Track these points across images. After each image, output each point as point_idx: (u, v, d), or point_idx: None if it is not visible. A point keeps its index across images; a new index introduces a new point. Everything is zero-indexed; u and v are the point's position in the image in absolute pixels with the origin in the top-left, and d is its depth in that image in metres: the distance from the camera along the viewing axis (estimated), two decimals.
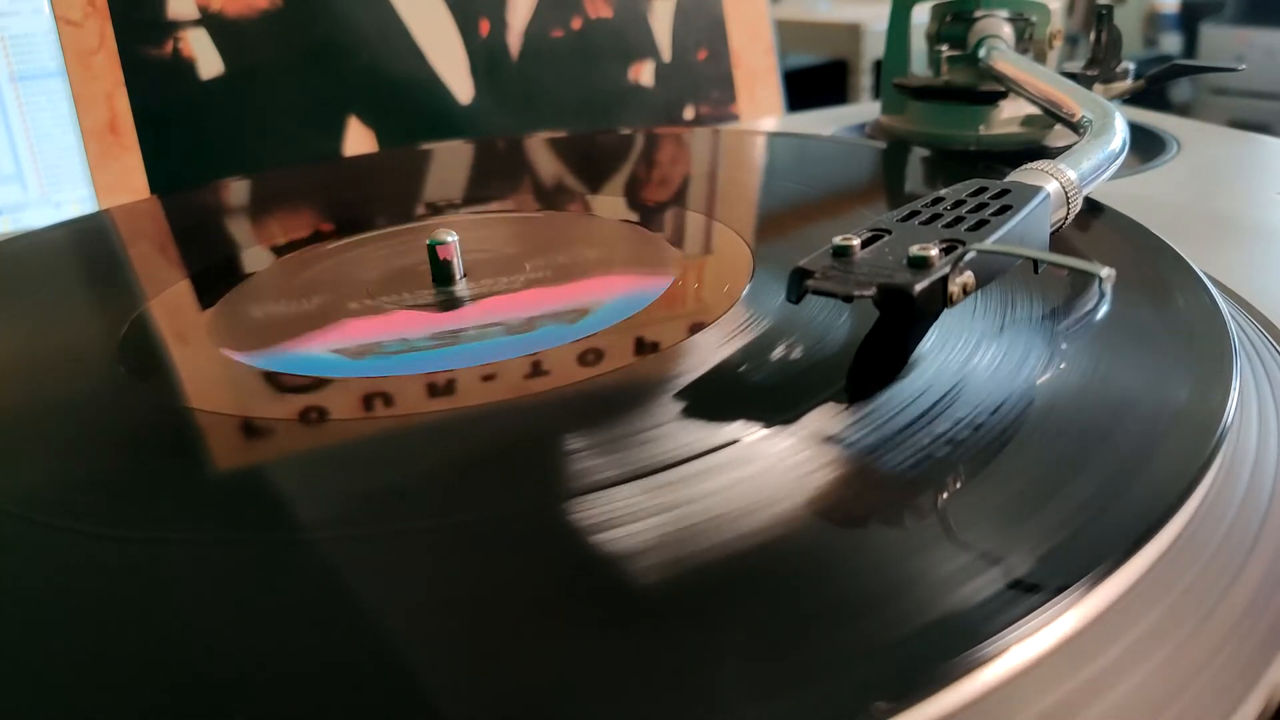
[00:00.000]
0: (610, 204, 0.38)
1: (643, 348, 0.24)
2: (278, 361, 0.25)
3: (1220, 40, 1.65)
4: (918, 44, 0.47)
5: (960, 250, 0.20)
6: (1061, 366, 0.21)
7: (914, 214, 0.23)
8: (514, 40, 0.58)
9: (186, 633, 0.15)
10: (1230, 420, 0.19)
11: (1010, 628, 0.14)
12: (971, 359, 0.21)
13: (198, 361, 0.26)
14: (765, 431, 0.19)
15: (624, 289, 0.29)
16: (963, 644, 0.14)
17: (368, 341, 0.26)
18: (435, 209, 0.39)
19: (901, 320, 0.21)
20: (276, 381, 0.24)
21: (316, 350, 0.26)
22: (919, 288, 0.19)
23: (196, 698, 0.14)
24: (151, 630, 0.15)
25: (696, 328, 0.25)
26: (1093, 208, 0.31)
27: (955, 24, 0.44)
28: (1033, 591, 0.15)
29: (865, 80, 1.09)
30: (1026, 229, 0.23)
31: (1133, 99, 0.45)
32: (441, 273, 0.29)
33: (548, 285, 0.29)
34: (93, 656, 0.15)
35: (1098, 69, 0.44)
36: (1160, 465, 0.18)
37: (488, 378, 0.23)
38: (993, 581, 0.15)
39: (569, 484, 0.18)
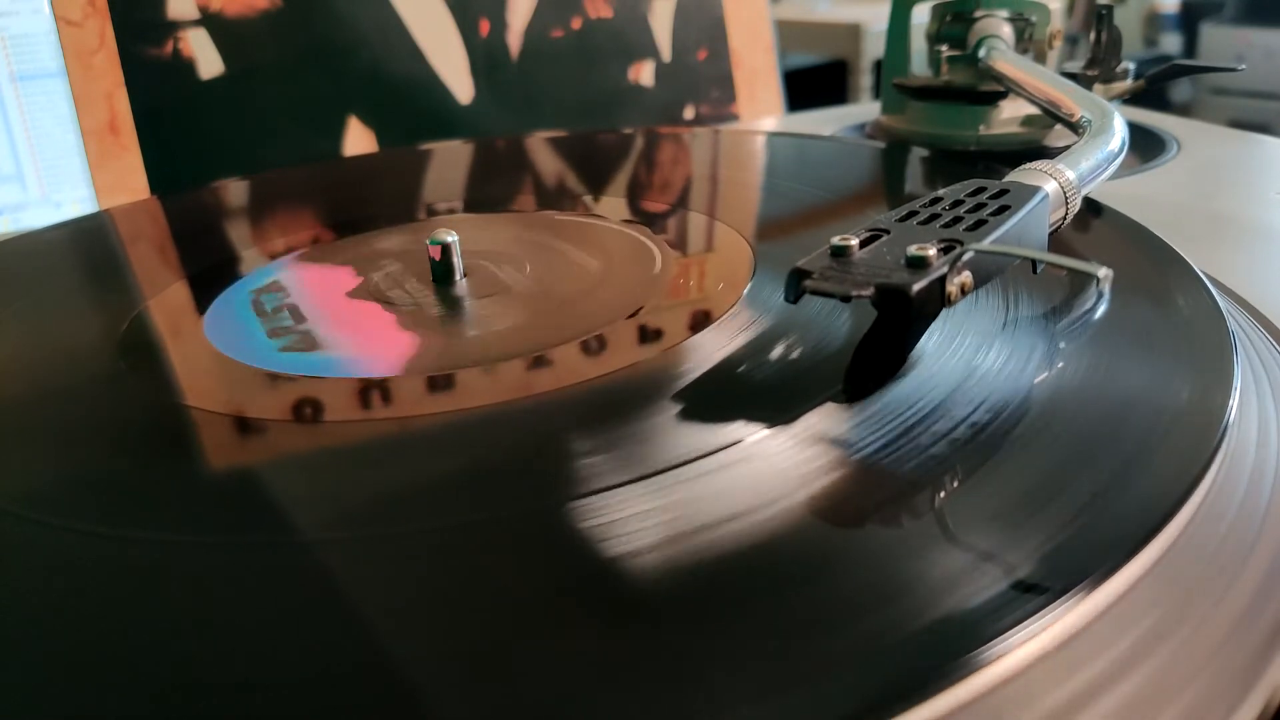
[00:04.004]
0: (610, 204, 0.38)
1: (643, 348, 0.24)
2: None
3: (1220, 40, 1.65)
4: (918, 44, 0.47)
5: (958, 250, 0.20)
6: (1060, 366, 0.21)
7: (912, 214, 0.23)
8: (514, 40, 0.58)
9: (187, 633, 0.15)
10: (1230, 420, 0.19)
11: (1011, 629, 0.14)
12: (970, 359, 0.21)
13: (197, 361, 0.26)
14: (766, 432, 0.19)
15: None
16: (964, 645, 0.14)
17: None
18: (435, 210, 0.39)
19: (900, 320, 0.21)
20: (275, 380, 0.24)
21: None
22: (917, 288, 0.19)
23: (196, 698, 0.14)
24: (152, 630, 0.15)
25: (697, 327, 0.25)
26: (1092, 207, 0.31)
27: (955, 24, 0.44)
28: (1034, 593, 0.15)
29: (865, 80, 1.09)
30: (1025, 229, 0.23)
31: (1133, 99, 0.45)
32: (442, 272, 0.29)
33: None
34: (92, 656, 0.15)
35: (1098, 69, 0.44)
36: (1160, 465, 0.18)
37: (489, 376, 0.23)
38: (993, 582, 0.15)
39: (570, 485, 0.18)
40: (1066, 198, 0.26)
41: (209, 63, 0.51)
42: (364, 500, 0.19)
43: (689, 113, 0.62)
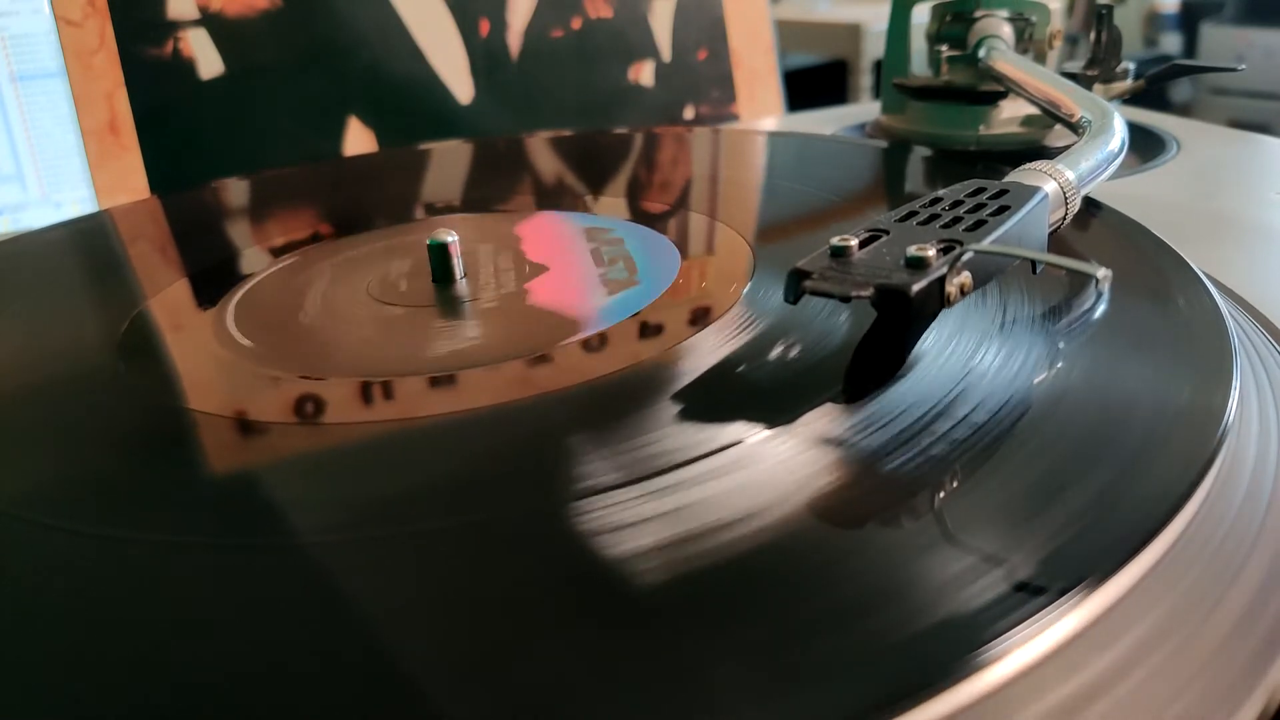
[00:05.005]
0: (610, 204, 0.38)
1: (643, 347, 0.24)
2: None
3: (1220, 40, 1.65)
4: (918, 44, 0.47)
5: (958, 250, 0.20)
6: (1059, 367, 0.21)
7: (912, 214, 0.23)
8: (514, 40, 0.58)
9: (186, 634, 0.15)
10: (1230, 420, 0.19)
11: (1011, 630, 0.14)
12: (969, 359, 0.21)
13: (197, 361, 0.26)
14: (766, 433, 0.19)
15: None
16: (964, 646, 0.14)
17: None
18: (435, 209, 0.39)
19: (899, 320, 0.21)
20: (276, 380, 0.24)
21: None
22: (916, 288, 0.19)
23: (196, 699, 0.14)
24: (152, 631, 0.15)
25: (697, 327, 0.25)
26: (1092, 207, 0.31)
27: (955, 24, 0.44)
28: (1034, 594, 0.14)
29: (865, 80, 1.09)
30: (1024, 229, 0.23)
31: (1133, 99, 0.45)
32: (442, 272, 0.29)
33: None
34: (92, 657, 0.15)
35: (1098, 69, 0.44)
36: (1160, 466, 0.18)
37: (487, 376, 0.23)
38: (994, 583, 0.15)
39: (570, 486, 0.18)
40: (1066, 198, 0.26)
41: (209, 63, 0.51)
42: (364, 501, 0.19)
43: (689, 113, 0.62)
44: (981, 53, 0.42)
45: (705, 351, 0.23)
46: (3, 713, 0.14)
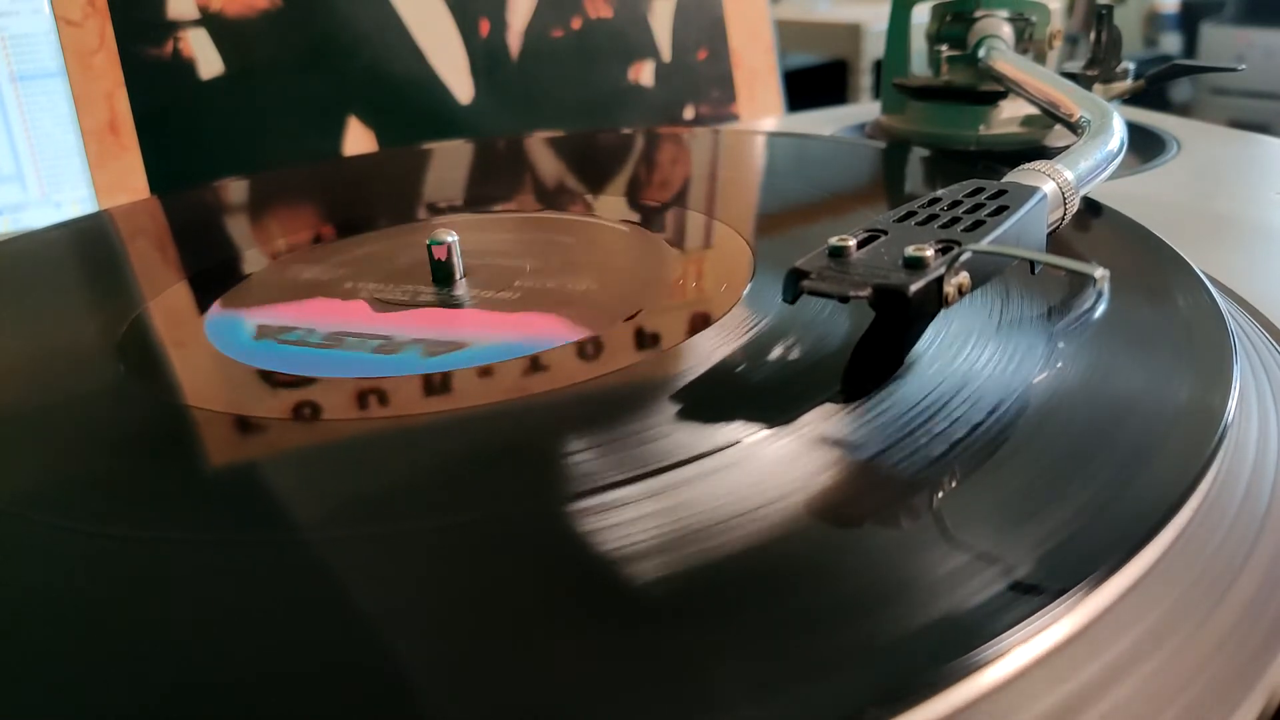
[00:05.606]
0: (610, 204, 0.38)
1: (643, 348, 0.24)
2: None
3: (1220, 40, 1.65)
4: (918, 44, 0.47)
5: (956, 251, 0.20)
6: (1059, 366, 0.21)
7: (910, 214, 0.23)
8: (514, 40, 0.58)
9: (186, 633, 0.15)
10: (1230, 420, 0.19)
11: (1010, 629, 0.14)
12: (968, 359, 0.21)
13: (197, 361, 0.26)
14: (764, 432, 0.19)
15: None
16: (963, 645, 0.14)
17: (291, 323, 0.26)
18: (435, 209, 0.39)
19: (897, 321, 0.21)
20: (275, 380, 0.24)
21: (246, 319, 0.26)
22: (914, 288, 0.19)
23: (196, 698, 0.14)
24: (152, 630, 0.15)
25: (696, 328, 0.25)
26: (1092, 207, 0.31)
27: (955, 24, 0.44)
28: (1033, 593, 0.15)
29: (865, 80, 1.09)
30: (1023, 229, 0.23)
31: (1133, 99, 0.45)
32: (441, 273, 0.29)
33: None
34: (92, 657, 0.15)
35: (1098, 69, 0.44)
36: (1160, 465, 0.18)
37: (485, 374, 0.23)
38: (993, 582, 0.15)
39: (568, 485, 0.18)
40: (1065, 198, 0.26)
41: (209, 63, 0.51)
42: (362, 499, 0.19)
43: (689, 113, 0.62)
44: (981, 53, 0.42)
45: (704, 352, 0.23)
46: (3, 713, 0.14)
